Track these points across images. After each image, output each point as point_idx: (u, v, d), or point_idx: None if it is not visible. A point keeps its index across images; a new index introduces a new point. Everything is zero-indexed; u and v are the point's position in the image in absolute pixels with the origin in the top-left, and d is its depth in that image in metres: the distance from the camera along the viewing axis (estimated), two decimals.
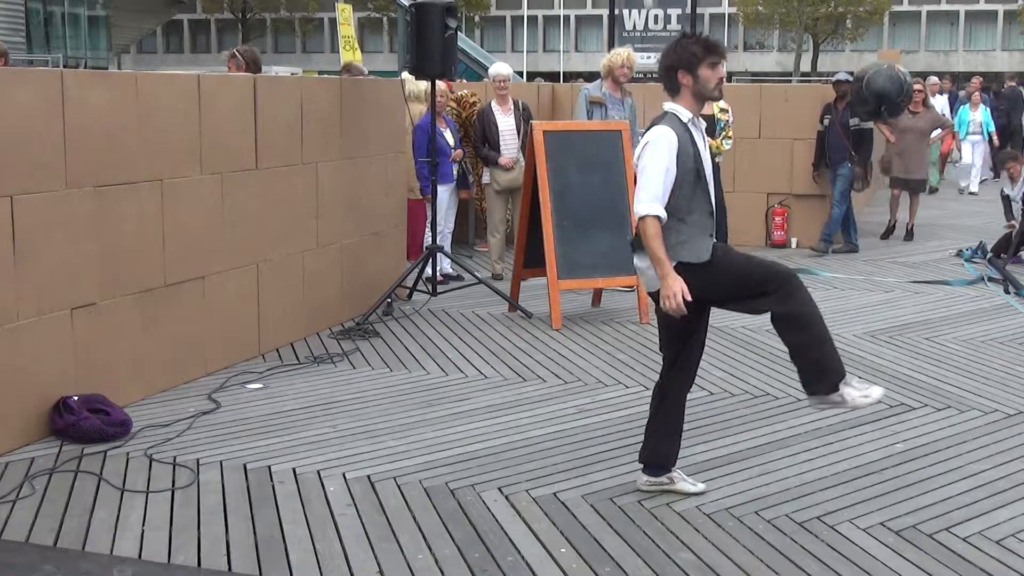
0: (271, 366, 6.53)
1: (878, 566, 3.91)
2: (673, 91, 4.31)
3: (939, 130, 13.13)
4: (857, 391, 4.14)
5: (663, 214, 4.16)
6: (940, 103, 17.47)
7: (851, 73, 11.09)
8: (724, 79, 4.37)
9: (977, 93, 18.31)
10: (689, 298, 4.10)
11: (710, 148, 8.69)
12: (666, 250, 4.15)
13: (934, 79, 18.50)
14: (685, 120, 4.27)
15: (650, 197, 4.15)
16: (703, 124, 4.41)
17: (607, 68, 8.93)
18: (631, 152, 8.31)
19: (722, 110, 9.16)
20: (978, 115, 17.76)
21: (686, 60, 4.23)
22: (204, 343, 6.26)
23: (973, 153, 17.66)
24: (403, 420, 5.53)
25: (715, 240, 4.35)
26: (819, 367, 4.14)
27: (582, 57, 64.99)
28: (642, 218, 4.16)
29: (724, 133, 9.23)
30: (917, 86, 12.12)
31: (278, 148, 6.81)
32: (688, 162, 4.22)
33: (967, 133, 17.56)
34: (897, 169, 12.48)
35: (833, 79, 11.40)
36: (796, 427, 5.44)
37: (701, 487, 4.58)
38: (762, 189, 11.54)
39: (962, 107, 18.17)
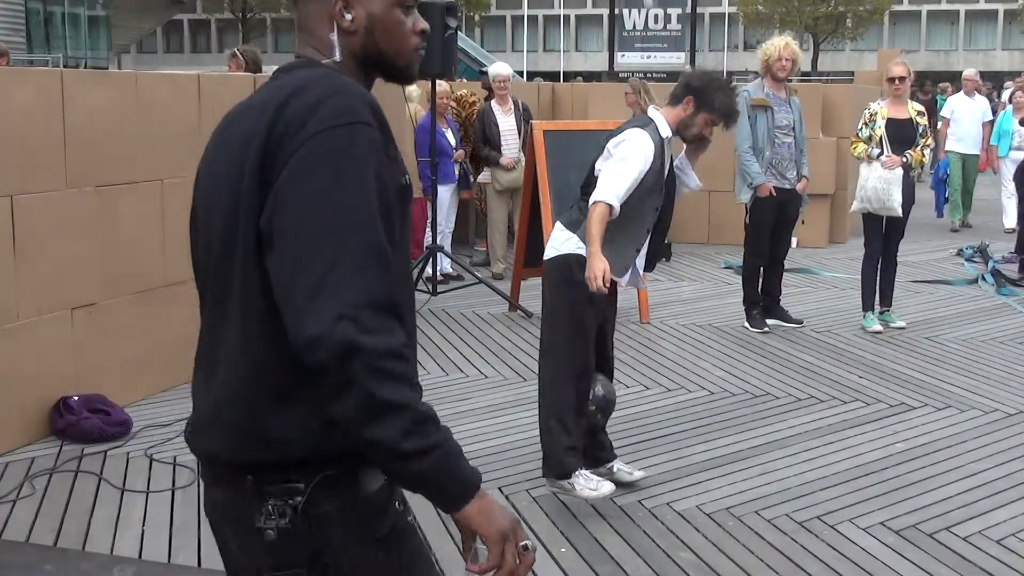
0: None
1: (878, 566, 3.91)
2: (674, 102, 4.30)
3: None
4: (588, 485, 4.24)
5: (616, 211, 4.11)
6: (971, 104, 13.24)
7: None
8: (708, 141, 4.36)
9: (1022, 95, 12.28)
10: (609, 281, 4.09)
11: (913, 161, 7.28)
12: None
13: (971, 71, 13.96)
14: (663, 136, 4.25)
15: (616, 191, 4.11)
16: (672, 150, 4.36)
17: (763, 64, 7.55)
18: None
19: (919, 113, 7.46)
20: None
21: (704, 98, 4.22)
22: None
23: (1013, 175, 11.31)
24: None
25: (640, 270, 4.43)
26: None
27: (582, 57, 64.98)
28: (598, 202, 4.10)
29: (923, 142, 7.33)
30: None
31: None
32: (650, 178, 4.20)
33: (1009, 148, 12.12)
34: None
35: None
36: (796, 427, 5.44)
37: (639, 474, 4.60)
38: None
39: (1003, 113, 12.60)
